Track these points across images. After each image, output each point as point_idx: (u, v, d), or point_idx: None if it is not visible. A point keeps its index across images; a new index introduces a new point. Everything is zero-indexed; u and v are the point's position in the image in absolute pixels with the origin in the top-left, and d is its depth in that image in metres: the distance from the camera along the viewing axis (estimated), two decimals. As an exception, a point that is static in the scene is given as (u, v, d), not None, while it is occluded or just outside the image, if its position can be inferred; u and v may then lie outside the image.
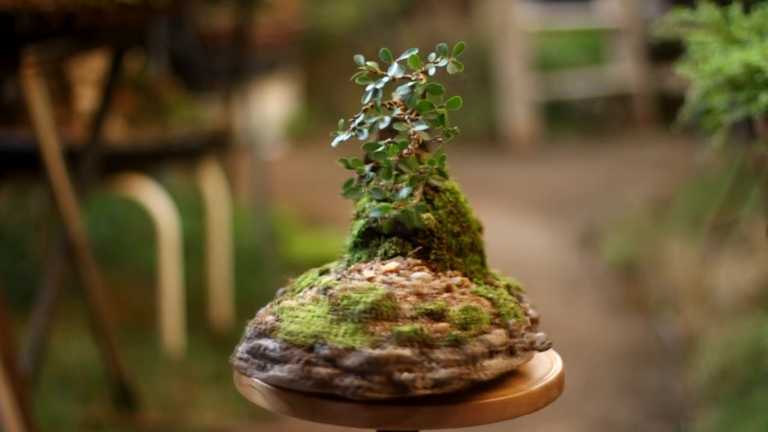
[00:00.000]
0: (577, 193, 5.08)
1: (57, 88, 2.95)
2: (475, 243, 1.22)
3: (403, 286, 1.12)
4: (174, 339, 2.95)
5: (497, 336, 1.10)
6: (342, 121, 1.19)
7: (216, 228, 3.22)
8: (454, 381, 1.04)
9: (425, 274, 1.15)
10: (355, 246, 1.21)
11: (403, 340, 1.05)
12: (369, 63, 1.19)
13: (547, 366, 1.18)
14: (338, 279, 1.16)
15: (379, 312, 1.07)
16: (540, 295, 3.57)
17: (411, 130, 1.15)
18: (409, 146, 1.16)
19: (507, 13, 6.27)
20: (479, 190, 4.93)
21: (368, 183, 1.16)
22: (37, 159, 2.41)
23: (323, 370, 1.04)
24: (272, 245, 3.81)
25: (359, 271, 1.16)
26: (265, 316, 1.13)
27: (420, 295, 1.11)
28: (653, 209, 4.40)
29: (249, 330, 1.12)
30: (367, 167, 1.18)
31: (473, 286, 1.16)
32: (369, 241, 1.21)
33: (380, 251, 1.19)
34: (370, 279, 1.14)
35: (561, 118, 6.49)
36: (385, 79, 1.18)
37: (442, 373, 1.03)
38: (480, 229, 1.25)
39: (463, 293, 1.14)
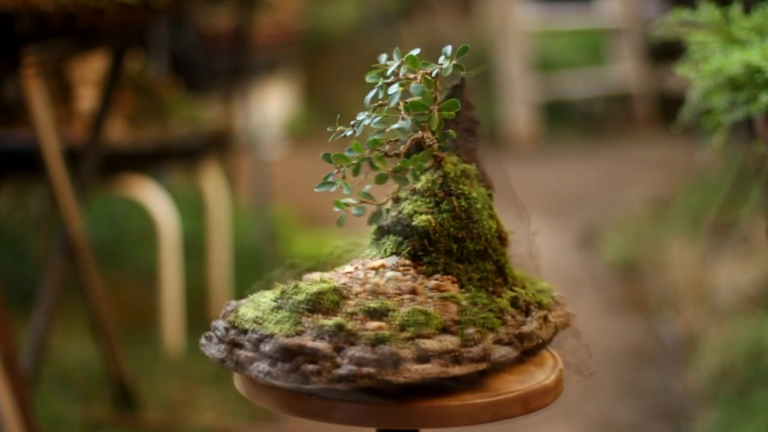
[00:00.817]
0: (577, 193, 5.08)
1: (57, 88, 2.95)
2: (488, 251, 1.20)
3: (366, 283, 1.14)
4: (174, 339, 2.95)
5: (439, 342, 1.08)
6: (338, 116, 1.19)
7: (216, 228, 3.22)
8: (356, 378, 1.04)
9: (398, 274, 1.16)
10: (371, 243, 1.24)
11: (322, 333, 1.07)
12: (389, 62, 1.19)
13: (550, 366, 1.18)
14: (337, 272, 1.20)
15: (318, 304, 1.10)
16: (540, 295, 3.56)
17: (388, 129, 1.16)
18: (383, 146, 1.17)
19: (507, 13, 6.27)
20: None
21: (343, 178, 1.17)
22: (37, 159, 2.41)
23: (243, 353, 1.09)
24: (272, 245, 3.81)
25: (348, 265, 1.20)
26: (241, 301, 1.18)
27: (376, 294, 1.12)
28: (653, 209, 4.40)
29: (222, 311, 1.18)
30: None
31: (451, 291, 1.15)
32: (380, 238, 1.22)
33: (384, 248, 1.21)
34: (347, 273, 1.17)
35: (561, 118, 6.49)
36: (387, 79, 1.18)
37: (345, 369, 1.04)
38: (501, 239, 1.22)
39: (430, 297, 1.13)
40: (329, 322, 1.07)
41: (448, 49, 1.18)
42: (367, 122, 1.17)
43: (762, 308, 2.99)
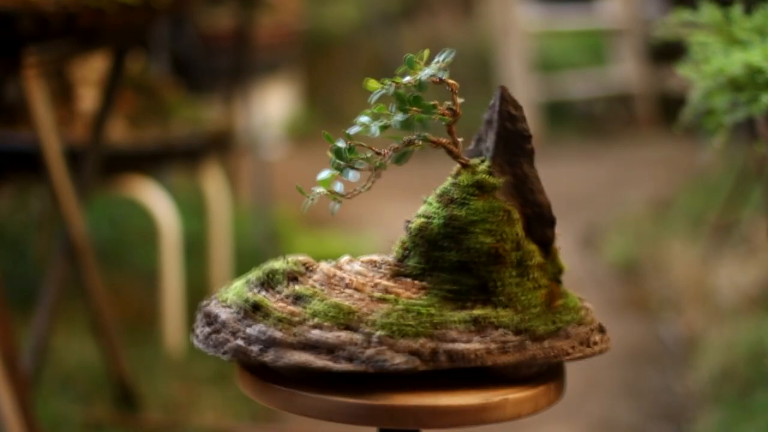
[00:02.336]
0: (578, 193, 5.08)
1: (58, 88, 2.95)
2: (470, 266, 1.17)
3: (323, 273, 1.18)
4: (175, 339, 2.95)
5: (335, 336, 1.10)
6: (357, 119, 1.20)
7: (217, 228, 3.22)
8: (241, 355, 1.12)
9: (363, 269, 1.18)
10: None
11: (236, 305, 1.16)
12: (386, 80, 1.19)
13: (495, 393, 1.16)
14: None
15: (267, 282, 1.17)
16: (541, 295, 3.57)
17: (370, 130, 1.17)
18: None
19: (508, 13, 6.27)
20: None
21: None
22: (38, 159, 2.41)
23: (199, 317, 1.19)
24: (273, 246, 3.81)
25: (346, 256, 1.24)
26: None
27: (326, 284, 1.16)
28: (654, 210, 4.40)
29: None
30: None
31: (401, 295, 1.14)
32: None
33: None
34: (337, 265, 1.20)
35: (562, 118, 6.49)
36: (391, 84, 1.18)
37: (232, 344, 1.13)
38: (496, 257, 1.18)
39: (369, 295, 1.14)
40: (250, 296, 1.15)
41: (444, 54, 1.18)
42: (361, 119, 1.17)
43: (763, 308, 2.99)
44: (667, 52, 5.26)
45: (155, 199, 2.96)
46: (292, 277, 1.17)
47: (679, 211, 4.24)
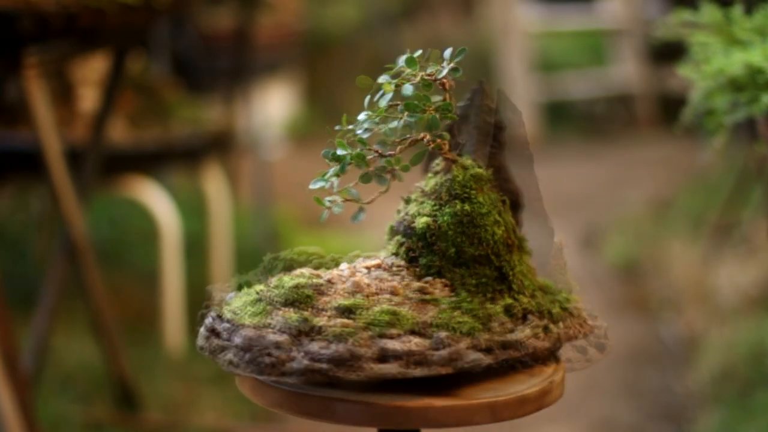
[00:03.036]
0: (578, 193, 5.07)
1: (58, 88, 2.95)
2: (489, 257, 1.19)
3: (345, 281, 1.15)
4: (175, 339, 2.95)
5: (403, 343, 1.09)
6: (339, 121, 1.19)
7: (217, 228, 3.22)
8: (310, 374, 1.06)
9: (385, 273, 1.16)
10: (386, 243, 1.25)
11: (285, 326, 1.09)
12: (401, 64, 1.19)
13: (543, 377, 1.17)
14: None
15: (293, 299, 1.12)
16: (541, 295, 3.57)
17: (380, 131, 1.16)
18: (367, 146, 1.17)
19: (509, 13, 6.27)
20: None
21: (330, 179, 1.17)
22: (38, 159, 2.41)
23: (217, 341, 1.12)
24: (273, 246, 3.81)
25: (344, 263, 1.21)
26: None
27: (354, 292, 1.13)
28: (655, 210, 4.40)
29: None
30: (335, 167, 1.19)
31: (436, 295, 1.15)
32: (391, 238, 1.23)
33: (388, 247, 1.22)
34: (341, 270, 1.18)
35: (563, 118, 6.49)
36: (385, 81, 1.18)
37: (299, 363, 1.06)
38: (509, 246, 1.21)
39: (410, 298, 1.13)
40: (294, 315, 1.10)
41: (448, 52, 1.18)
42: (366, 125, 1.17)
43: (763, 309, 2.99)
44: (667, 53, 5.26)
45: (155, 199, 2.96)
46: (320, 291, 1.14)
47: (680, 211, 4.24)
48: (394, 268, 1.18)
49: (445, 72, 1.17)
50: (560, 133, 6.36)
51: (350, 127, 1.18)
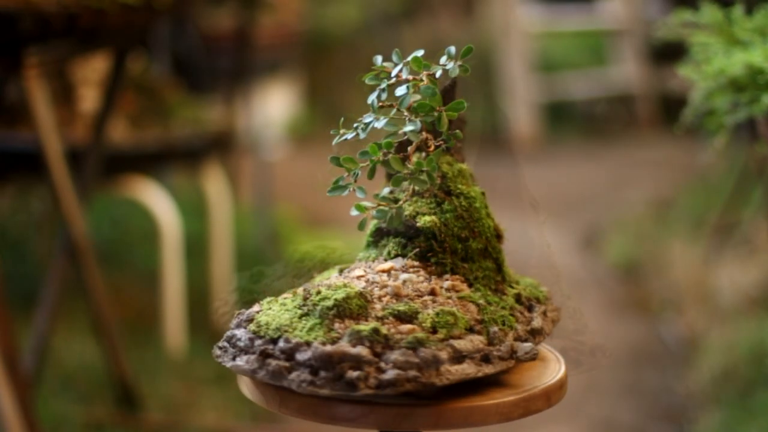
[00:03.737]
0: (579, 193, 5.07)
1: (59, 88, 2.95)
2: (488, 249, 1.21)
3: (385, 287, 1.13)
4: (176, 340, 2.95)
5: (470, 342, 1.09)
6: (342, 119, 1.18)
7: (218, 229, 3.22)
8: (403, 383, 1.03)
9: (413, 276, 1.15)
10: (368, 245, 1.23)
11: (359, 338, 1.05)
12: (386, 63, 1.19)
13: (554, 367, 1.18)
14: (342, 275, 1.19)
15: (345, 310, 1.09)
16: (542, 296, 3.57)
17: (401, 131, 1.15)
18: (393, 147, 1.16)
19: (509, 14, 6.27)
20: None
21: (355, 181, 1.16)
22: (39, 160, 2.41)
23: (277, 363, 1.06)
24: (274, 246, 3.81)
25: (354, 269, 1.18)
26: (252, 306, 1.15)
27: (398, 296, 1.12)
28: (655, 210, 4.40)
29: (234, 320, 1.14)
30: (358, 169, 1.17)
31: (466, 291, 1.15)
32: (379, 240, 1.22)
33: (385, 251, 1.20)
34: (359, 277, 1.15)
35: (563, 119, 6.49)
36: (390, 80, 1.18)
37: (390, 374, 1.03)
38: (499, 237, 1.24)
39: (449, 297, 1.14)
40: (365, 327, 1.06)
41: (452, 49, 1.18)
42: (377, 125, 1.16)
43: (764, 309, 2.99)
44: (668, 53, 5.26)
45: (156, 199, 2.96)
46: (366, 299, 1.11)
47: (680, 211, 4.24)
48: (411, 270, 1.17)
49: (454, 69, 1.17)
50: (561, 133, 6.36)
51: (356, 129, 1.17)
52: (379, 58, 1.19)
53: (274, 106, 6.02)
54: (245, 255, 3.56)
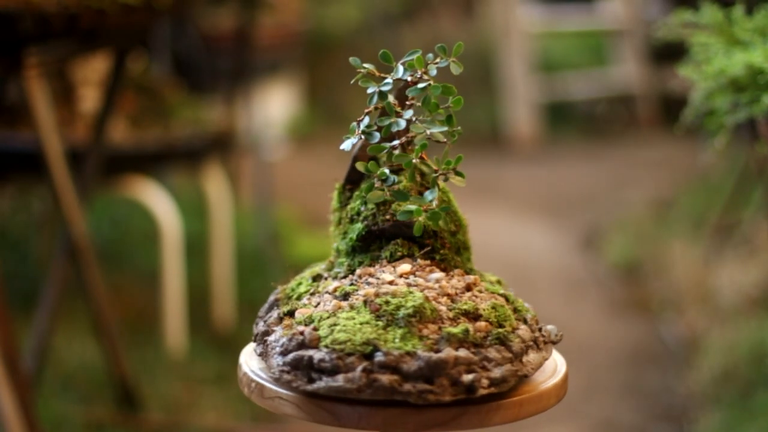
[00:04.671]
0: (579, 194, 5.07)
1: (60, 89, 2.95)
2: (466, 241, 1.23)
3: (430, 288, 1.12)
4: (176, 340, 2.96)
5: (525, 331, 1.11)
6: (354, 124, 1.17)
7: (218, 229, 3.22)
8: (509, 379, 1.05)
9: (441, 274, 1.15)
10: (354, 250, 1.20)
11: (454, 341, 1.05)
12: (366, 65, 1.19)
13: (551, 365, 1.18)
14: (351, 284, 1.15)
15: (423, 315, 1.07)
16: (542, 296, 3.57)
17: (427, 132, 1.15)
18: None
19: (510, 14, 6.27)
20: (482, 191, 4.93)
21: (390, 186, 1.15)
22: (39, 160, 2.41)
23: (385, 377, 1.02)
24: (275, 246, 3.81)
25: (371, 275, 1.15)
26: (294, 326, 1.10)
27: (449, 296, 1.11)
28: (656, 210, 4.40)
29: (283, 342, 1.08)
30: (386, 170, 1.16)
31: (484, 284, 1.16)
32: (369, 244, 1.20)
33: (385, 254, 1.18)
34: (390, 282, 1.13)
35: (563, 119, 6.49)
36: (389, 81, 1.18)
37: (497, 371, 1.04)
38: (465, 227, 1.25)
39: (480, 291, 1.14)
40: (457, 329, 1.06)
41: (443, 46, 1.18)
42: (398, 126, 1.15)
43: (764, 309, 2.99)
44: (668, 53, 5.26)
45: (156, 199, 2.96)
46: (431, 303, 1.10)
47: (681, 211, 4.24)
48: (427, 269, 1.17)
49: (458, 68, 1.17)
50: (561, 133, 6.36)
51: (386, 129, 1.16)
52: (357, 60, 1.19)
53: (274, 106, 6.02)
54: (245, 255, 3.56)
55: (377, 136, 1.15)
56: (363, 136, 1.16)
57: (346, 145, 1.16)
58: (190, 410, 2.65)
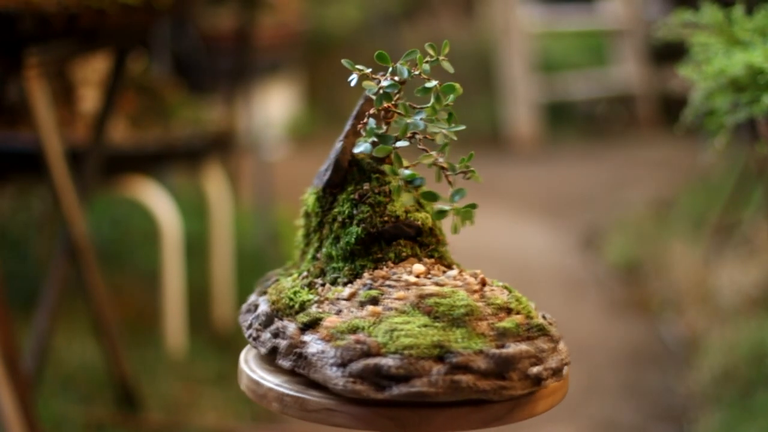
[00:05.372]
0: (579, 194, 5.07)
1: (60, 89, 2.95)
2: (444, 237, 1.24)
3: (458, 286, 1.12)
4: (177, 340, 2.96)
5: (547, 321, 1.15)
6: (370, 127, 1.17)
7: (218, 229, 3.22)
8: (562, 367, 1.09)
9: (455, 271, 1.16)
10: (353, 254, 1.18)
11: (510, 336, 1.08)
12: (359, 66, 1.19)
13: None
14: (370, 288, 1.13)
15: (474, 312, 1.09)
16: (542, 296, 3.57)
17: (444, 131, 1.15)
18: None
19: (510, 14, 6.27)
20: (482, 191, 4.93)
21: (417, 187, 1.14)
22: (39, 160, 2.41)
23: (464, 378, 1.03)
24: (274, 246, 3.81)
25: (386, 277, 1.14)
26: (344, 336, 1.07)
27: (476, 292, 1.12)
28: (656, 210, 4.40)
29: (336, 353, 1.06)
30: (407, 171, 1.14)
31: (486, 279, 1.17)
32: (369, 247, 1.18)
33: (389, 255, 1.17)
34: (414, 283, 1.13)
35: (564, 119, 6.49)
36: (393, 82, 1.18)
37: (552, 361, 1.08)
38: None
39: (491, 285, 1.16)
40: (509, 323, 1.08)
41: (432, 45, 1.18)
42: (417, 126, 1.15)
43: (764, 309, 2.99)
44: (668, 53, 5.26)
45: (156, 199, 2.96)
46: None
47: (681, 211, 4.24)
48: (437, 268, 1.17)
49: (434, 62, 1.18)
50: (561, 133, 6.36)
51: (404, 129, 1.16)
52: (346, 62, 1.19)
53: (274, 106, 6.02)
54: (245, 255, 3.56)
55: (372, 139, 1.16)
56: (375, 139, 1.16)
57: (364, 148, 1.15)
58: (190, 410, 2.65)
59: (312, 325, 1.11)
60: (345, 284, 1.16)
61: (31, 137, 2.54)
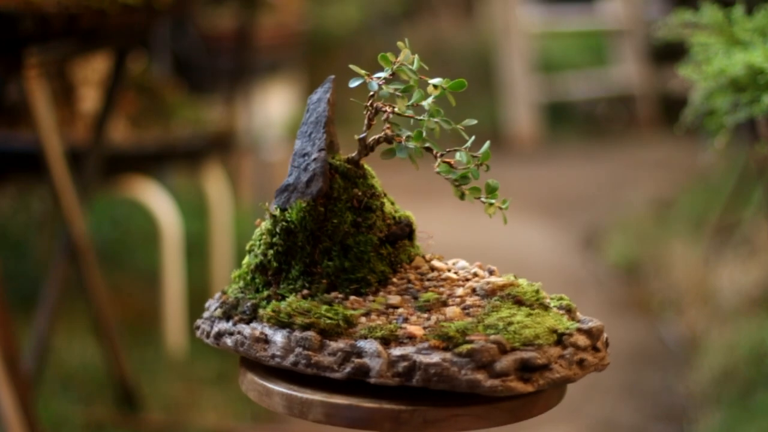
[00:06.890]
0: (579, 194, 5.07)
1: (60, 89, 2.95)
2: None
3: (470, 280, 1.16)
4: (177, 340, 2.95)
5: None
6: (400, 142, 1.18)
7: (218, 229, 3.22)
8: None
9: (465, 262, 1.20)
10: (369, 262, 1.15)
11: (571, 311, 1.14)
12: (359, 70, 1.20)
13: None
14: (418, 290, 1.13)
15: (502, 310, 1.11)
16: (542, 296, 3.56)
17: (458, 127, 1.18)
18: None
19: (510, 14, 6.27)
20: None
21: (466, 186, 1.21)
22: (40, 160, 2.41)
23: (586, 356, 1.09)
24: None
25: (424, 277, 1.16)
26: (475, 342, 1.04)
27: (491, 282, 1.15)
28: (656, 210, 4.40)
29: (469, 359, 1.03)
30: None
31: None
32: (380, 251, 1.16)
33: (402, 256, 1.16)
34: (464, 279, 1.16)
35: (564, 119, 6.49)
36: (397, 84, 1.19)
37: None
38: None
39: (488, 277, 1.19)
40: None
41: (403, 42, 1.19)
42: (431, 123, 1.16)
43: (764, 309, 2.99)
44: (668, 53, 5.26)
45: (156, 199, 2.96)
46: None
47: (681, 211, 4.24)
48: (445, 260, 1.21)
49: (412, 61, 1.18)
50: (561, 133, 6.36)
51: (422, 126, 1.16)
52: (352, 66, 1.21)
53: (274, 106, 6.02)
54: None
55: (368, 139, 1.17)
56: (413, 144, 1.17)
57: (402, 153, 1.15)
58: (190, 410, 2.65)
59: (392, 338, 1.06)
60: (375, 293, 1.12)
61: (31, 137, 2.54)
